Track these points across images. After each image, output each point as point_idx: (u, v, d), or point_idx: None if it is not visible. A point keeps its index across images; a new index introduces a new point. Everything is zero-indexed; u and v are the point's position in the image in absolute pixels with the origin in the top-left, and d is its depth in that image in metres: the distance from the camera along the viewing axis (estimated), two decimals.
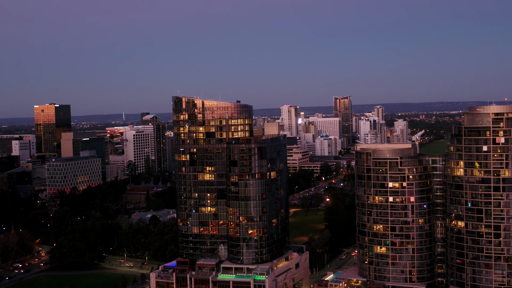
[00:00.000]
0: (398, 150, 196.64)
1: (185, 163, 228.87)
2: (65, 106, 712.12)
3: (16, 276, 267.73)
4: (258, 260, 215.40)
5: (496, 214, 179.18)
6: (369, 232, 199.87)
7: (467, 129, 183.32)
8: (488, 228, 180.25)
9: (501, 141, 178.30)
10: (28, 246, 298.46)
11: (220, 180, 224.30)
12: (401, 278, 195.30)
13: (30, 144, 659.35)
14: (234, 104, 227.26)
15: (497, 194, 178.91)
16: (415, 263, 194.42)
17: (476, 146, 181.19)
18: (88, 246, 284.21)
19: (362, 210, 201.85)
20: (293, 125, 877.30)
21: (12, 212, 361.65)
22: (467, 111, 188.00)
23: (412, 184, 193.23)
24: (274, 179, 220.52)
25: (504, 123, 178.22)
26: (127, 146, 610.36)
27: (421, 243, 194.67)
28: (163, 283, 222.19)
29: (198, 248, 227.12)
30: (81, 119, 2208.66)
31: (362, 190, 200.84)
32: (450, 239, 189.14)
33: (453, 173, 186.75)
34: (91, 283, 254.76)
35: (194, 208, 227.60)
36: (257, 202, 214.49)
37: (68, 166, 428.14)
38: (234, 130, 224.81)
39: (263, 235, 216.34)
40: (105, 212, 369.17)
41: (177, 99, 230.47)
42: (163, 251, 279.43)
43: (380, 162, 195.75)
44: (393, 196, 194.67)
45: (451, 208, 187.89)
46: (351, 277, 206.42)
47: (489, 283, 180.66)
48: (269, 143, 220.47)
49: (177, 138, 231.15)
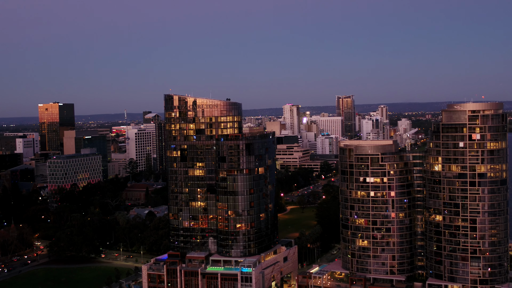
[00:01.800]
0: (379, 147, 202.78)
1: (176, 159, 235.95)
2: (69, 104, 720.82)
3: (14, 269, 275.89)
4: (246, 253, 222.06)
5: (472, 208, 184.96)
6: (352, 226, 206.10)
7: (444, 126, 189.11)
8: (465, 222, 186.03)
9: (477, 138, 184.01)
10: (27, 240, 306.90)
11: (209, 175, 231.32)
12: (382, 270, 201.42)
13: (34, 142, 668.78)
14: (223, 102, 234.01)
15: (473, 189, 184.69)
16: (395, 256, 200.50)
17: (453, 143, 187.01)
18: (85, 240, 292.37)
19: (345, 204, 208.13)
20: (295, 124, 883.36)
21: (13, 208, 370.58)
22: (446, 109, 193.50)
23: (393, 179, 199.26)
24: (262, 175, 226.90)
25: (479, 120, 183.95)
26: (129, 144, 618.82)
27: (402, 236, 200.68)
28: (154, 275, 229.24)
29: (188, 242, 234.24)
30: (88, 118, 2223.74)
31: (345, 185, 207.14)
32: (429, 232, 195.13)
33: (431, 169, 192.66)
34: (86, 276, 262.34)
35: (185, 202, 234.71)
36: (245, 197, 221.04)
37: (69, 163, 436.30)
38: (223, 127, 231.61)
39: (251, 229, 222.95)
40: (105, 208, 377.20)
41: (168, 97, 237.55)
42: (158, 245, 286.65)
43: (362, 158, 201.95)
44: (374, 191, 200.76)
45: (430, 203, 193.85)
46: (334, 270, 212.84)
47: (465, 275, 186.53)
48: (257, 140, 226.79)
49: (169, 134, 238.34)
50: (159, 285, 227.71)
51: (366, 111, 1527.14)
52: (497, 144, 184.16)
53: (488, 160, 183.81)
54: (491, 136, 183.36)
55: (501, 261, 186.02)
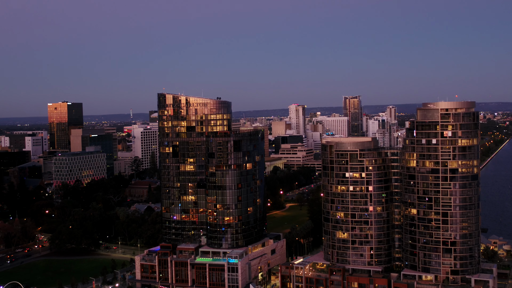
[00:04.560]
0: (359, 143, 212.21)
1: (168, 155, 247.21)
2: (77, 104, 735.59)
3: (17, 260, 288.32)
4: (234, 245, 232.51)
5: (444, 202, 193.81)
6: (332, 219, 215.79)
7: (419, 123, 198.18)
8: (437, 215, 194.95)
9: (449, 135, 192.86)
10: (30, 233, 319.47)
11: (200, 170, 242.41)
12: (361, 261, 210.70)
13: (43, 140, 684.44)
14: (213, 101, 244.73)
15: (445, 184, 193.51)
16: (373, 248, 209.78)
17: (427, 139, 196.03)
18: (85, 233, 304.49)
19: (327, 198, 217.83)
20: (300, 124, 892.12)
21: (19, 203, 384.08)
22: (421, 107, 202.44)
23: (371, 174, 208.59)
24: (250, 170, 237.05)
25: (451, 118, 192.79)
26: (134, 143, 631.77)
27: (379, 229, 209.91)
28: (146, 265, 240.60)
29: (180, 234, 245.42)
30: (102, 118, 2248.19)
31: (326, 180, 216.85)
32: (405, 225, 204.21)
33: (407, 165, 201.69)
34: (85, 267, 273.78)
35: (177, 197, 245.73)
36: (233, 191, 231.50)
37: (74, 160, 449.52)
38: (213, 124, 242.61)
39: (239, 222, 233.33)
40: (107, 204, 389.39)
41: (162, 95, 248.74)
42: (155, 238, 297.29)
43: (342, 154, 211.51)
44: (353, 186, 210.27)
45: (405, 197, 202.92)
46: (317, 261, 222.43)
47: (438, 266, 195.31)
48: (245, 137, 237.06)
49: (161, 132, 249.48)
50: (151, 275, 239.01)
51: (377, 112, 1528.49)
52: (469, 141, 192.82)
53: (460, 156, 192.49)
54: (462, 133, 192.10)
55: (472, 253, 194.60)
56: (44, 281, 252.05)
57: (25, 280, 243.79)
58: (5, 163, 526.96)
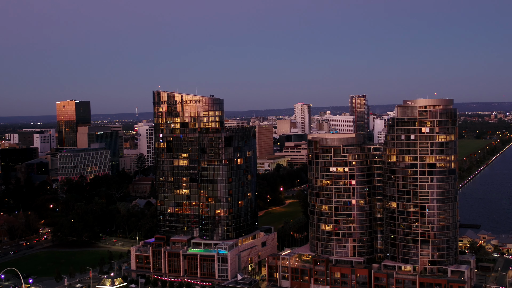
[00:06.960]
0: (342, 139, 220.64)
1: (163, 150, 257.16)
2: (85, 102, 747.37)
3: (20, 252, 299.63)
4: (225, 237, 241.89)
5: (422, 196, 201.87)
6: (317, 212, 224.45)
7: (399, 120, 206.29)
8: (416, 208, 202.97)
9: (426, 131, 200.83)
10: (33, 226, 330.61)
11: (193, 165, 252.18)
12: (344, 253, 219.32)
13: (51, 138, 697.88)
14: (206, 98, 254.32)
15: (423, 178, 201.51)
16: (355, 240, 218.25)
17: (406, 135, 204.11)
18: (85, 227, 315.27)
19: (312, 192, 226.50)
20: (305, 122, 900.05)
21: (25, 198, 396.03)
22: (401, 104, 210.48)
23: (353, 169, 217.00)
24: (241, 165, 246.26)
25: (429, 115, 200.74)
26: (140, 140, 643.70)
27: (362, 222, 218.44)
28: (141, 256, 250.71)
29: (173, 226, 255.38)
30: (114, 116, 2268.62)
31: (312, 175, 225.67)
32: (386, 218, 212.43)
33: (388, 159, 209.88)
34: (84, 259, 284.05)
35: (171, 190, 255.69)
36: (224, 185, 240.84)
37: (78, 156, 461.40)
38: (206, 121, 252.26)
39: (229, 215, 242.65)
40: (110, 199, 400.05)
41: (157, 93, 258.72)
42: (153, 232, 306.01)
43: (327, 149, 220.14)
44: (337, 180, 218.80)
45: (386, 191, 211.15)
46: (303, 252, 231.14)
47: (416, 257, 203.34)
48: (236, 133, 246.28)
49: (157, 128, 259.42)
50: (145, 265, 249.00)
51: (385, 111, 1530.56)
52: (446, 137, 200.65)
53: (437, 151, 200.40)
54: (439, 129, 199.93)
55: (449, 244, 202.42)
56: (45, 271, 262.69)
57: (26, 270, 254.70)
58: (13, 160, 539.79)
